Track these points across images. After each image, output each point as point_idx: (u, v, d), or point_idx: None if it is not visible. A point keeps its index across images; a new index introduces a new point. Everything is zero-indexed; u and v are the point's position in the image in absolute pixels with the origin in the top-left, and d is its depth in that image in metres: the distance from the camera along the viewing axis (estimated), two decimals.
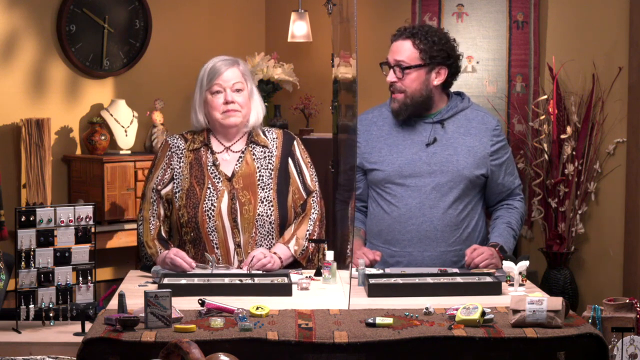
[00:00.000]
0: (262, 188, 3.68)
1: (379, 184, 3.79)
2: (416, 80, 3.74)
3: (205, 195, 3.64)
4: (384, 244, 3.79)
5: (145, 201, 3.71)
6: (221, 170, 3.69)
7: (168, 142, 3.76)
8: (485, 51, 5.19)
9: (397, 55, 3.75)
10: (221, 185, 3.66)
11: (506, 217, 3.82)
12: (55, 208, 3.32)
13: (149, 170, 3.77)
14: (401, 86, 3.75)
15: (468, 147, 3.77)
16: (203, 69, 3.73)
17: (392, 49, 3.77)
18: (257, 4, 5.92)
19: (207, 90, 3.70)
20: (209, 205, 3.63)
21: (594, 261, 5.11)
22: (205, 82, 3.70)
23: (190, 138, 3.75)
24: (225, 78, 3.69)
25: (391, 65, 3.75)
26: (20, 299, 3.29)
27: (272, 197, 3.68)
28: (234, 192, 3.65)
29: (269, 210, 3.66)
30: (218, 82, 3.68)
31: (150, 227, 3.66)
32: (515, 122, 5.15)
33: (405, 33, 3.77)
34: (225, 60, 3.72)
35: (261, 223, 3.66)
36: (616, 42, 5.00)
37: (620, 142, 5.02)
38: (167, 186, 3.69)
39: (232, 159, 3.72)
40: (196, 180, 3.67)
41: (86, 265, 3.37)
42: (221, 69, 3.69)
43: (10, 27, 4.88)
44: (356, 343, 2.70)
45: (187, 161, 3.70)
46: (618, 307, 3.12)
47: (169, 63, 5.44)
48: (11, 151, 4.88)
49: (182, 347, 2.53)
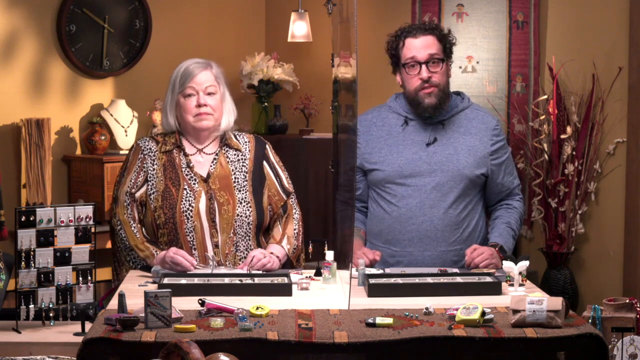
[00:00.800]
0: (239, 190, 3.68)
1: (379, 184, 3.79)
2: (445, 73, 3.77)
3: (182, 196, 3.63)
4: (384, 243, 3.79)
5: (119, 205, 3.67)
6: (196, 172, 3.68)
7: (139, 145, 3.74)
8: (485, 51, 5.19)
9: (427, 51, 3.73)
10: (197, 186, 3.66)
11: (505, 217, 3.82)
12: (55, 208, 3.32)
13: (119, 174, 3.73)
14: (437, 80, 3.74)
15: (468, 147, 3.77)
16: (176, 71, 3.73)
17: (417, 45, 3.74)
18: (257, 4, 5.92)
19: (179, 93, 3.69)
20: (187, 206, 3.62)
21: (594, 261, 5.11)
22: (178, 85, 3.69)
23: (162, 140, 3.74)
24: (199, 81, 3.68)
25: (421, 62, 3.74)
26: (20, 299, 3.29)
27: (249, 199, 3.68)
28: (212, 193, 3.65)
29: (247, 211, 3.67)
30: (191, 85, 3.67)
31: (134, 230, 3.64)
32: (515, 122, 5.15)
33: (426, 28, 3.77)
34: (198, 63, 3.71)
35: (240, 224, 3.66)
36: (616, 42, 5.00)
37: (620, 142, 5.02)
38: (140, 189, 3.67)
39: (205, 161, 3.72)
40: (171, 181, 3.66)
41: (86, 265, 3.37)
42: (194, 72, 3.68)
43: (10, 27, 4.88)
44: (356, 343, 2.70)
45: (161, 163, 3.69)
46: (618, 307, 3.12)
47: (169, 63, 5.40)
48: (11, 151, 4.88)
49: (182, 347, 2.53)
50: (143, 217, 3.68)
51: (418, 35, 3.75)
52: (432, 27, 3.78)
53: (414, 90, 3.75)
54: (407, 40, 3.76)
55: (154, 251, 3.59)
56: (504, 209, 3.86)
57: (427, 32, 3.76)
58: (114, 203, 3.70)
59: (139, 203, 3.67)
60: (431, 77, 3.73)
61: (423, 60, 3.73)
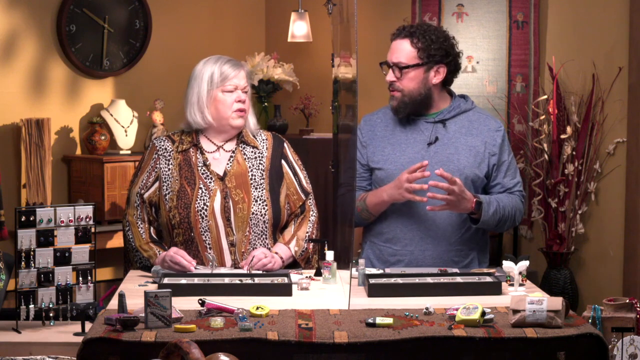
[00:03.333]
0: (255, 187, 3.68)
1: (381, 182, 3.78)
2: (414, 79, 3.74)
3: (197, 195, 3.63)
4: (385, 242, 3.78)
5: (130, 206, 3.69)
6: (212, 170, 3.68)
7: (155, 145, 3.74)
8: (485, 51, 5.19)
9: (395, 55, 3.75)
10: (213, 184, 3.65)
11: (496, 195, 3.77)
12: (55, 208, 3.32)
13: (134, 174, 3.74)
14: (399, 85, 3.75)
15: (470, 147, 3.76)
16: (209, 67, 3.68)
17: (391, 48, 3.78)
18: (257, 4, 5.92)
19: (219, 87, 3.68)
20: (202, 205, 3.62)
21: (594, 261, 5.12)
22: (219, 80, 3.67)
23: (178, 139, 3.73)
24: (239, 78, 3.69)
25: (390, 65, 3.76)
26: (20, 299, 3.29)
27: (266, 197, 3.67)
28: (227, 191, 3.64)
29: (262, 209, 3.66)
30: (232, 82, 3.68)
31: (140, 231, 3.65)
32: (515, 122, 5.16)
33: (403, 32, 3.77)
34: (233, 61, 3.72)
35: (255, 222, 3.65)
36: (616, 42, 5.01)
37: (620, 142, 5.02)
38: (149, 189, 3.67)
39: (222, 158, 3.71)
40: (187, 181, 3.66)
41: (86, 265, 3.37)
42: (235, 69, 3.69)
43: (10, 27, 4.88)
44: (356, 343, 2.70)
45: (176, 162, 3.69)
46: (618, 307, 3.12)
47: (169, 63, 5.44)
48: (11, 151, 4.88)
49: (182, 347, 2.53)
50: (155, 217, 3.68)
51: (395, 38, 3.78)
52: (411, 32, 3.75)
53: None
54: (392, 41, 3.79)
55: (157, 251, 3.60)
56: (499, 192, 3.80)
57: (404, 36, 3.76)
58: (127, 203, 3.72)
59: (148, 204, 3.67)
60: (394, 81, 3.75)
61: (391, 63, 3.75)
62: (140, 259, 3.63)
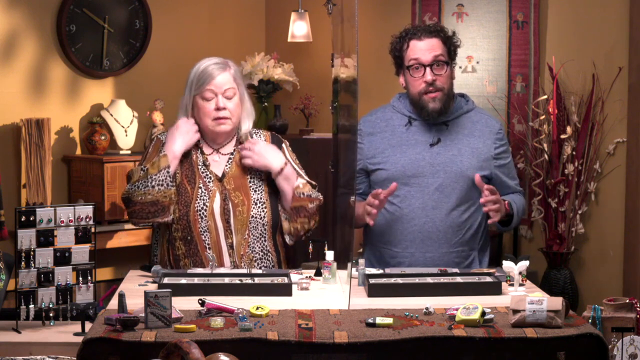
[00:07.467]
0: (254, 190, 3.67)
1: (382, 184, 3.77)
2: (449, 76, 3.75)
3: (197, 194, 3.62)
4: (385, 244, 3.78)
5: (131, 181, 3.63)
6: (212, 170, 3.68)
7: (160, 139, 3.73)
8: (485, 51, 5.19)
9: (432, 54, 3.71)
10: (212, 185, 3.65)
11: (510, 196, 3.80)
12: (55, 208, 3.32)
13: (139, 163, 3.72)
14: (441, 84, 3.72)
15: (472, 148, 3.76)
16: (194, 71, 3.66)
17: (420, 48, 3.73)
18: (257, 4, 5.92)
19: (196, 94, 3.65)
20: (201, 205, 3.61)
21: (594, 261, 5.11)
22: (195, 86, 3.64)
23: None
24: (217, 83, 3.62)
25: (425, 65, 3.73)
26: (20, 299, 3.29)
27: (265, 199, 3.67)
28: (226, 193, 3.64)
29: (262, 212, 3.65)
30: (209, 88, 3.62)
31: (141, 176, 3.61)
32: (515, 122, 5.16)
33: (431, 30, 3.75)
34: (216, 64, 3.65)
35: (254, 225, 3.64)
36: (616, 42, 5.01)
37: (620, 142, 5.02)
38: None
39: (221, 160, 3.71)
40: (187, 178, 3.65)
41: (86, 265, 3.37)
42: (213, 73, 3.62)
43: (10, 27, 4.88)
44: (356, 343, 2.71)
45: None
46: (618, 307, 3.12)
47: (169, 63, 5.43)
48: (11, 151, 4.87)
49: (182, 347, 2.53)
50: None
51: (423, 38, 3.73)
52: (437, 30, 3.75)
53: (417, 93, 3.74)
54: (411, 42, 3.74)
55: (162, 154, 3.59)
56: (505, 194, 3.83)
57: (432, 34, 3.74)
58: (127, 181, 3.67)
59: None
60: (435, 80, 3.71)
61: (427, 63, 3.71)
62: (159, 182, 3.56)
